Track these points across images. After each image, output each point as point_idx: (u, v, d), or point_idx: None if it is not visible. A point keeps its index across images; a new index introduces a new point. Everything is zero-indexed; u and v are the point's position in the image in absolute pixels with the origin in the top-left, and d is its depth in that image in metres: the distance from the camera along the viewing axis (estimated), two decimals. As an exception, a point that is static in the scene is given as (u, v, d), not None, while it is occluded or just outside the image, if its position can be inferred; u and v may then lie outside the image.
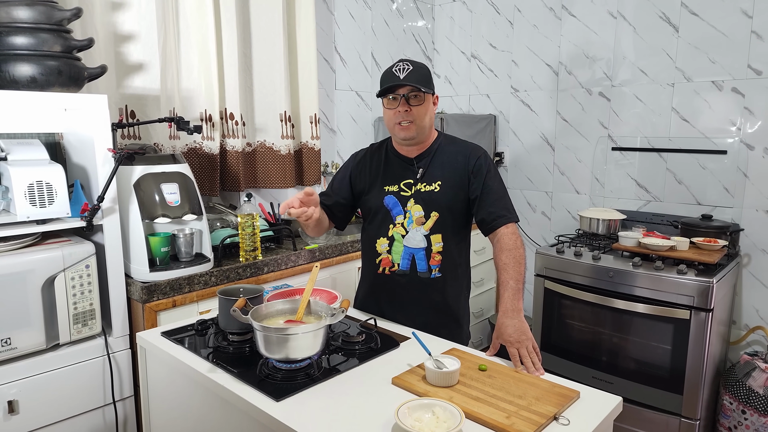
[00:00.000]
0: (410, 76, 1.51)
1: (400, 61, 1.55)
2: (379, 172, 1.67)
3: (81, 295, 1.68)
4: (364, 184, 1.70)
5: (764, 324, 2.51)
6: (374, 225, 1.67)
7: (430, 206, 1.59)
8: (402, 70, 1.53)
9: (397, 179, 1.64)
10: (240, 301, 1.31)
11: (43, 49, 1.66)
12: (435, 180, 1.61)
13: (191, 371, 1.30)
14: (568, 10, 2.99)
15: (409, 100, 1.53)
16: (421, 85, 1.52)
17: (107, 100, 1.73)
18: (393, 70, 1.54)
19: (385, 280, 1.66)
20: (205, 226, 1.96)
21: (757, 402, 2.23)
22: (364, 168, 1.71)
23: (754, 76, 2.44)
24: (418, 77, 1.52)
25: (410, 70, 1.52)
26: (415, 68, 1.53)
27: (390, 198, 1.63)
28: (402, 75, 1.52)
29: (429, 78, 1.57)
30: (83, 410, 1.71)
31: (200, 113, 2.33)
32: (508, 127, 3.32)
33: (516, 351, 1.35)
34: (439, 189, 1.59)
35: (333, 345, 1.40)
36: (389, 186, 1.64)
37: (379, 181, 1.66)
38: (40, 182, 1.62)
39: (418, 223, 1.60)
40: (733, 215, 2.55)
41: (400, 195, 1.62)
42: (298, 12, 2.66)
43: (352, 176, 1.73)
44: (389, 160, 1.68)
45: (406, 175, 1.63)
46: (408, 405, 1.06)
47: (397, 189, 1.63)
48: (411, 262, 1.62)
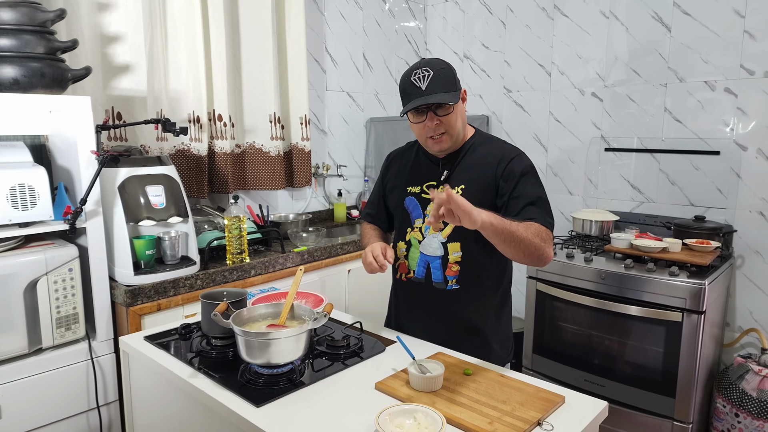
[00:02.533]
0: (433, 85, 1.35)
1: (419, 68, 1.38)
2: (406, 171, 1.59)
3: (64, 298, 1.66)
4: (393, 184, 1.62)
5: (758, 326, 2.49)
6: (396, 226, 1.62)
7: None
8: (423, 79, 1.36)
9: (421, 180, 1.53)
10: (221, 305, 1.29)
11: (25, 50, 1.64)
12: (459, 183, 1.46)
13: (173, 376, 1.28)
14: (560, 10, 2.98)
15: (437, 110, 1.39)
16: (446, 91, 1.37)
17: (91, 101, 1.71)
18: (413, 80, 1.38)
19: (402, 285, 1.59)
20: (191, 229, 1.94)
21: (750, 405, 2.21)
22: (394, 167, 1.64)
23: (747, 76, 2.42)
24: (442, 83, 1.37)
25: (431, 77, 1.36)
26: (435, 73, 1.37)
27: (411, 200, 1.54)
28: (424, 85, 1.36)
29: (453, 78, 1.41)
30: (67, 415, 1.70)
31: (188, 114, 2.31)
32: (501, 128, 3.30)
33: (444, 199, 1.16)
34: (462, 193, 1.43)
35: (317, 349, 1.38)
36: (412, 187, 1.55)
37: (404, 180, 1.58)
38: (22, 185, 1.60)
39: (436, 229, 1.39)
40: (726, 216, 2.53)
41: (422, 197, 1.52)
42: (288, 12, 2.64)
43: (384, 178, 1.67)
44: (418, 159, 1.58)
45: (430, 177, 1.52)
46: (389, 411, 1.04)
47: (419, 191, 1.53)
48: (426, 270, 1.51)
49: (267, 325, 1.30)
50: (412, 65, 1.43)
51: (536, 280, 2.57)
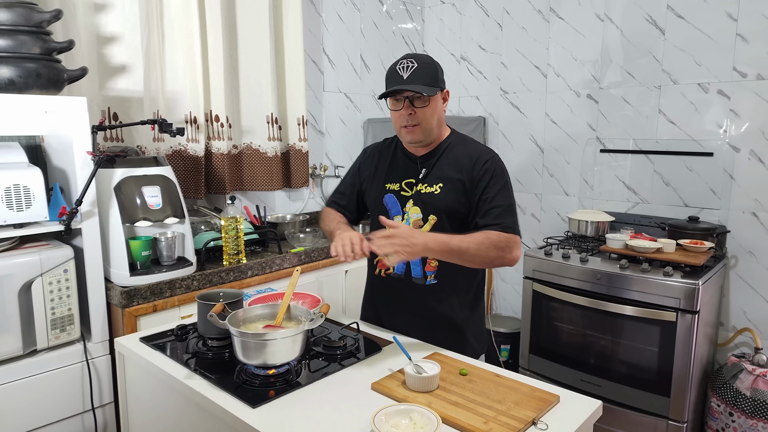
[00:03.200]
0: (414, 76, 1.42)
1: (404, 58, 1.45)
2: (384, 168, 1.61)
3: (59, 300, 1.65)
4: (369, 179, 1.64)
5: (752, 326, 2.51)
6: (373, 223, 1.61)
7: (428, 209, 1.51)
8: (406, 69, 1.43)
9: (400, 178, 1.57)
10: (218, 306, 1.29)
11: (21, 51, 1.64)
12: (437, 182, 1.51)
13: (169, 377, 1.28)
14: (556, 13, 2.99)
15: (414, 101, 1.44)
16: (426, 84, 1.42)
17: (88, 102, 1.71)
18: (397, 68, 1.45)
19: (381, 281, 1.62)
20: (188, 230, 1.93)
21: (744, 404, 2.23)
22: (372, 163, 1.65)
23: (740, 79, 2.44)
24: (423, 76, 1.42)
25: (414, 69, 1.42)
26: (419, 65, 1.43)
27: (390, 197, 1.57)
28: (406, 74, 1.42)
29: (435, 75, 1.46)
30: (62, 417, 1.69)
31: (185, 115, 2.31)
32: (497, 129, 3.31)
33: (385, 240, 1.29)
34: (440, 191, 1.50)
35: (314, 350, 1.38)
36: (391, 184, 1.58)
37: (382, 177, 1.60)
38: (17, 186, 1.59)
39: (415, 226, 1.51)
40: (720, 217, 2.55)
41: (401, 195, 1.55)
42: (286, 14, 2.65)
43: (360, 170, 1.68)
44: (396, 156, 1.61)
45: (409, 174, 1.56)
46: (385, 411, 1.05)
47: (398, 188, 1.56)
48: (406, 266, 1.55)
49: (263, 325, 1.30)
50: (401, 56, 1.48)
51: (532, 280, 2.58)
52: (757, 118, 2.41)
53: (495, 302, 3.51)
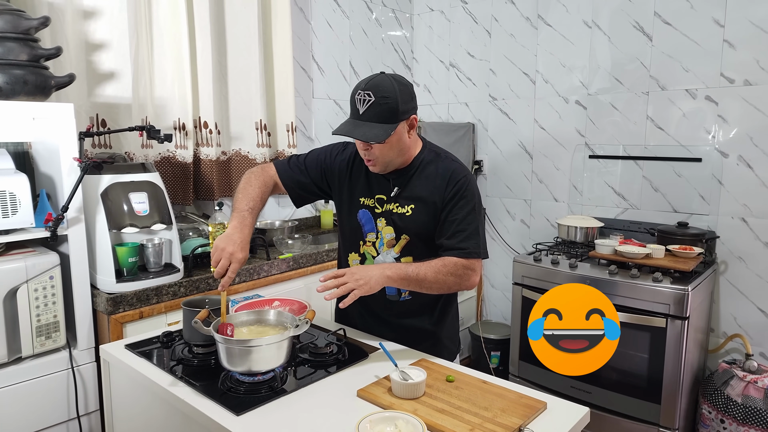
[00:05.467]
0: (370, 112, 1.34)
1: (363, 90, 1.35)
2: (359, 179, 1.55)
3: (45, 306, 1.64)
4: (338, 187, 1.58)
5: (742, 332, 2.52)
6: (346, 236, 1.61)
7: (400, 229, 1.49)
8: (362, 102, 1.35)
9: (373, 192, 1.52)
10: (202, 312, 1.28)
11: (8, 57, 1.63)
12: (409, 203, 1.48)
13: (153, 385, 1.27)
14: (544, 20, 3.01)
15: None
16: (381, 121, 1.34)
17: (76, 108, 1.71)
18: (356, 98, 1.37)
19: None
20: (175, 236, 1.92)
21: (735, 411, 2.23)
22: (345, 170, 1.56)
23: (727, 84, 2.46)
24: (379, 113, 1.34)
25: (370, 104, 1.34)
26: (376, 100, 1.33)
27: (364, 213, 1.54)
28: (362, 109, 1.35)
29: (395, 110, 1.35)
30: (47, 425, 1.67)
31: (173, 122, 2.30)
32: (486, 135, 3.33)
33: (341, 278, 1.33)
34: (411, 213, 1.47)
35: (300, 357, 1.37)
36: (365, 198, 1.54)
37: (356, 189, 1.55)
38: (3, 192, 1.58)
39: (389, 245, 1.51)
40: (709, 222, 2.56)
41: (374, 211, 1.52)
42: (274, 21, 2.65)
43: (326, 167, 1.59)
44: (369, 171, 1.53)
45: (381, 191, 1.52)
46: (370, 418, 1.04)
47: (372, 203, 1.53)
48: None
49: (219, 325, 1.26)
50: (365, 78, 1.40)
51: (522, 286, 2.58)
52: (745, 123, 2.44)
53: (485, 309, 3.51)
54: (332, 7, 3.09)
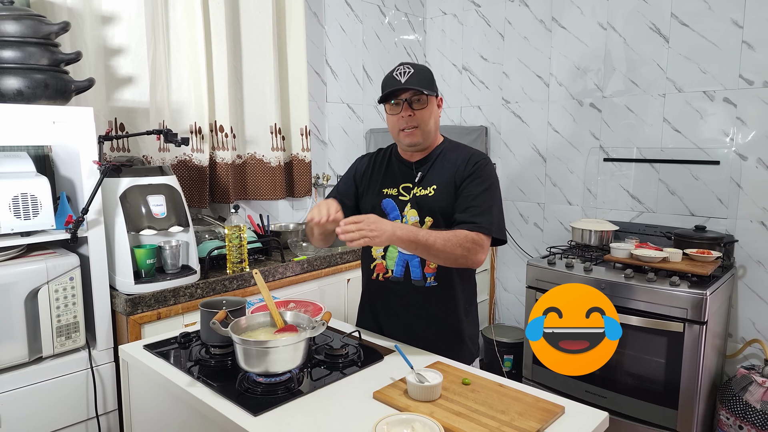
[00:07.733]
0: (412, 79, 1.47)
1: (401, 65, 1.50)
2: (381, 174, 1.63)
3: (65, 307, 1.66)
4: (365, 186, 1.65)
5: (761, 337, 2.48)
6: None
7: (424, 211, 1.53)
8: (403, 74, 1.48)
9: (397, 182, 1.59)
10: (220, 313, 1.30)
11: (29, 62, 1.66)
12: (431, 184, 1.54)
13: (171, 385, 1.28)
14: (558, 22, 3.00)
15: (412, 104, 1.49)
16: (423, 87, 1.47)
17: (95, 112, 1.73)
18: (394, 74, 1.50)
19: (379, 286, 1.62)
20: (192, 238, 1.94)
21: (754, 417, 2.19)
22: (368, 170, 1.67)
23: (746, 86, 2.44)
24: (420, 80, 1.47)
25: (411, 73, 1.47)
26: (416, 71, 1.48)
27: (388, 201, 1.58)
28: (403, 79, 1.47)
29: (432, 80, 1.52)
30: (66, 424, 1.69)
31: (190, 126, 2.33)
32: (499, 139, 3.32)
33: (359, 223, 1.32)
34: (434, 193, 1.53)
35: (316, 358, 1.38)
36: (388, 189, 1.59)
37: (378, 183, 1.62)
38: (24, 194, 1.61)
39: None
40: (728, 226, 2.53)
41: (399, 199, 1.57)
42: (289, 26, 2.68)
43: (356, 177, 1.69)
44: (391, 163, 1.64)
45: (405, 179, 1.58)
46: (387, 420, 1.04)
47: (396, 193, 1.58)
48: (405, 269, 1.56)
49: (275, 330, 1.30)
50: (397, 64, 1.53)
51: (535, 289, 2.56)
52: (765, 125, 2.40)
53: (497, 312, 3.50)
54: (345, 12, 3.11)
